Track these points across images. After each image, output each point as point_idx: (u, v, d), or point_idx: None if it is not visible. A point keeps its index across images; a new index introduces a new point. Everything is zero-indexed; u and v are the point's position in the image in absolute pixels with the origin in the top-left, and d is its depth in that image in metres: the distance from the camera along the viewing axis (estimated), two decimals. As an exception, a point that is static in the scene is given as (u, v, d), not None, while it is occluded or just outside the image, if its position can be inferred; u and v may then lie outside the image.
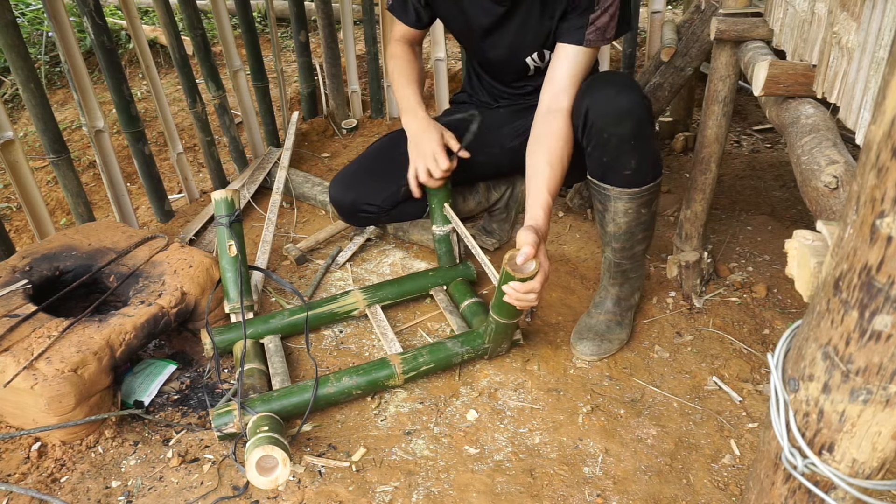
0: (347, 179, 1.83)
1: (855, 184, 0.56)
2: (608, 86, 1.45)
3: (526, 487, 1.33)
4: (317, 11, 2.66)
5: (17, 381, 1.35)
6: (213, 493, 1.33)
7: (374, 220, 1.88)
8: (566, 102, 1.52)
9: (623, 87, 1.44)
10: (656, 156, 1.52)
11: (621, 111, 1.42)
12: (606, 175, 1.51)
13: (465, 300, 1.76)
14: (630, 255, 1.63)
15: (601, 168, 1.51)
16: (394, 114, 2.89)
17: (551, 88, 1.54)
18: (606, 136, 1.44)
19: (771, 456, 0.76)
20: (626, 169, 1.47)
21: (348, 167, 1.87)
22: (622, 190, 1.50)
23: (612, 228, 1.58)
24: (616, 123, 1.42)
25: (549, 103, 1.53)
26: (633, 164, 1.46)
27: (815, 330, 0.64)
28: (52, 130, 1.87)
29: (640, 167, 1.48)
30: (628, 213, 1.54)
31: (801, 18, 1.16)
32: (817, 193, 0.90)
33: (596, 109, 1.44)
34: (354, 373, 1.50)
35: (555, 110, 1.52)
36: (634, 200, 1.52)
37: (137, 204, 2.43)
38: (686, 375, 1.60)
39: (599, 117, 1.43)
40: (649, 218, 1.58)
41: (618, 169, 1.48)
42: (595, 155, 1.50)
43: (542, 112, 1.54)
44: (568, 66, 1.52)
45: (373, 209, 1.82)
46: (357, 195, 1.81)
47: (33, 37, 3.54)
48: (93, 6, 1.88)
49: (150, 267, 1.70)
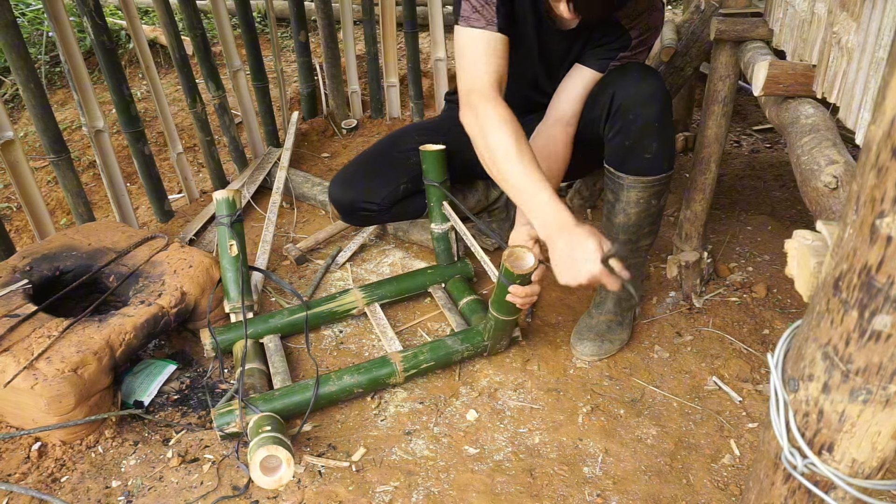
0: (347, 178, 1.83)
1: (855, 184, 0.56)
2: (633, 72, 1.49)
3: (526, 487, 1.33)
4: (317, 11, 2.66)
5: (17, 381, 1.35)
6: (213, 493, 1.33)
7: (374, 219, 1.88)
8: (571, 118, 1.58)
9: (647, 73, 1.48)
10: (673, 147, 1.54)
11: (648, 93, 1.45)
12: (626, 161, 1.51)
13: (464, 297, 1.76)
14: (635, 248, 1.63)
15: (621, 153, 1.51)
16: (393, 114, 2.89)
17: (560, 105, 1.59)
18: (633, 116, 1.46)
19: (771, 456, 0.76)
20: (648, 153, 1.49)
21: (348, 166, 1.87)
22: (637, 178, 1.51)
23: (621, 219, 1.58)
24: (643, 104, 1.45)
25: (557, 116, 1.58)
26: (654, 149, 1.48)
27: (815, 330, 0.64)
28: (52, 130, 1.87)
29: (660, 153, 1.49)
30: (639, 203, 1.54)
31: (801, 18, 1.16)
32: (817, 193, 0.90)
33: (623, 92, 1.47)
34: (355, 371, 1.50)
35: (561, 124, 1.57)
36: (647, 190, 1.53)
37: (137, 204, 2.43)
38: (686, 375, 1.60)
39: (627, 98, 1.46)
40: (657, 211, 1.59)
41: (638, 153, 1.49)
42: (617, 140, 1.51)
43: (549, 123, 1.58)
44: (583, 89, 1.57)
45: (373, 208, 1.82)
46: (356, 194, 1.81)
47: (33, 37, 3.54)
48: (93, 6, 1.88)
49: (150, 267, 1.69)
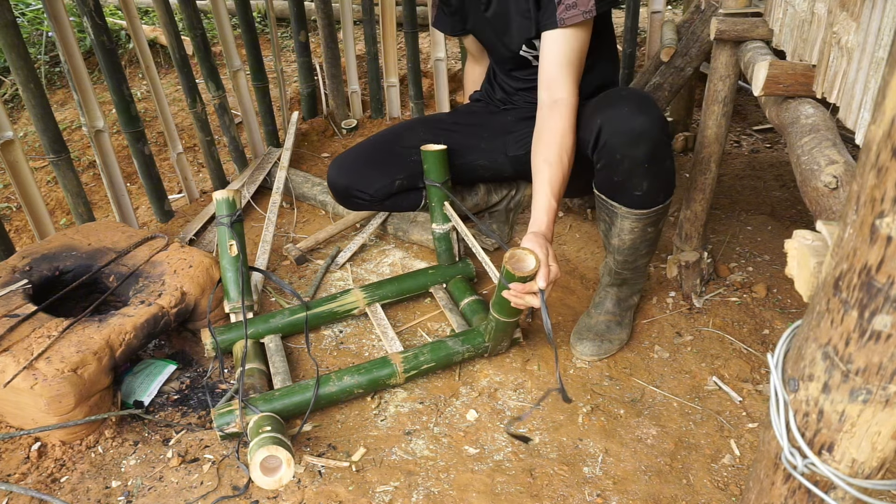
0: (345, 164, 1.85)
1: (855, 184, 0.56)
2: (623, 103, 1.37)
3: (526, 487, 1.33)
4: (317, 11, 2.66)
5: (17, 381, 1.35)
6: (213, 493, 1.33)
7: (367, 207, 1.90)
8: (560, 92, 1.46)
9: (639, 105, 1.36)
10: (670, 177, 1.44)
11: (636, 133, 1.34)
12: (616, 194, 1.45)
13: (465, 298, 1.76)
14: (632, 266, 1.62)
15: (610, 187, 1.45)
16: (394, 114, 2.89)
17: (543, 79, 1.50)
18: (619, 157, 1.37)
19: (771, 456, 0.76)
20: (637, 190, 1.41)
21: (348, 152, 1.88)
22: (630, 210, 1.45)
23: (616, 242, 1.54)
24: (630, 145, 1.34)
25: (545, 96, 1.50)
26: (644, 187, 1.40)
27: (815, 330, 0.64)
28: (52, 130, 1.87)
29: (652, 189, 1.41)
30: (634, 231, 1.50)
31: (801, 18, 1.16)
32: (817, 193, 0.90)
33: (610, 128, 1.36)
34: (356, 372, 1.50)
35: (551, 103, 1.47)
36: (641, 221, 1.47)
37: (137, 204, 2.43)
38: (686, 375, 1.60)
39: (613, 136, 1.36)
40: (655, 235, 1.54)
41: (628, 190, 1.42)
42: (605, 173, 1.44)
43: (542, 107, 1.51)
44: (554, 53, 1.46)
45: (365, 196, 1.84)
46: (350, 181, 1.83)
47: (33, 37, 3.54)
48: (93, 6, 1.88)
49: (150, 267, 1.69)
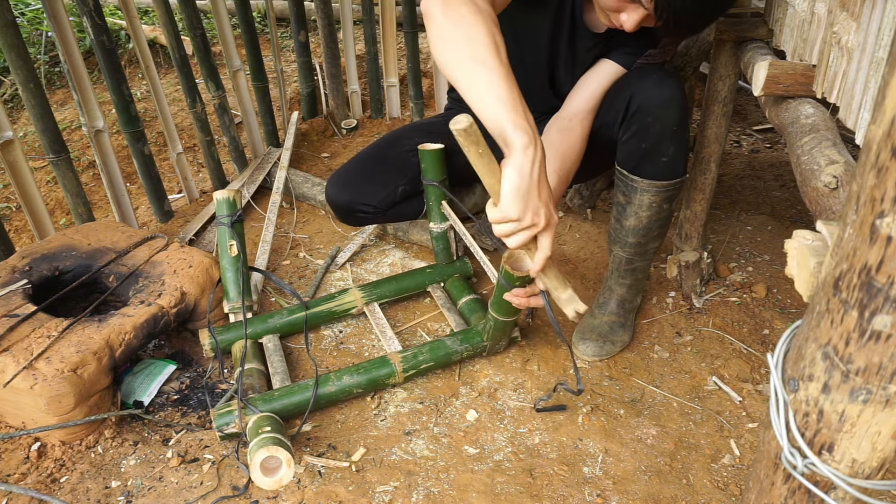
0: (344, 179, 1.80)
1: (855, 184, 0.56)
2: (652, 74, 1.46)
3: (526, 487, 1.33)
4: (316, 11, 2.66)
5: (17, 381, 1.35)
6: (213, 493, 1.33)
7: (371, 220, 1.85)
8: (589, 115, 1.54)
9: (667, 76, 1.45)
10: (687, 151, 1.52)
11: (667, 96, 1.43)
12: (641, 164, 1.49)
13: (463, 297, 1.76)
14: (643, 251, 1.63)
15: (637, 156, 1.49)
16: (393, 114, 2.89)
17: (581, 97, 1.55)
18: (651, 119, 1.44)
19: (771, 456, 0.76)
20: (664, 156, 1.47)
21: (345, 166, 1.84)
22: (651, 182, 1.50)
23: (632, 222, 1.57)
24: (663, 107, 1.43)
25: (575, 109, 1.54)
26: (671, 152, 1.46)
27: (815, 330, 0.64)
28: (52, 130, 1.87)
29: (676, 157, 1.48)
30: (651, 207, 1.53)
31: (801, 18, 1.16)
32: (817, 193, 0.90)
33: (642, 94, 1.44)
34: (355, 371, 1.50)
35: (579, 118, 1.53)
36: (660, 194, 1.51)
37: (137, 204, 2.43)
38: (686, 375, 1.60)
39: (646, 100, 1.44)
40: (667, 215, 1.58)
41: (655, 156, 1.47)
42: (632, 143, 1.48)
43: (566, 115, 1.54)
44: (606, 83, 1.55)
45: (369, 209, 1.80)
46: (352, 195, 1.78)
47: (33, 37, 3.54)
48: (92, 6, 1.88)
49: (150, 267, 1.69)
